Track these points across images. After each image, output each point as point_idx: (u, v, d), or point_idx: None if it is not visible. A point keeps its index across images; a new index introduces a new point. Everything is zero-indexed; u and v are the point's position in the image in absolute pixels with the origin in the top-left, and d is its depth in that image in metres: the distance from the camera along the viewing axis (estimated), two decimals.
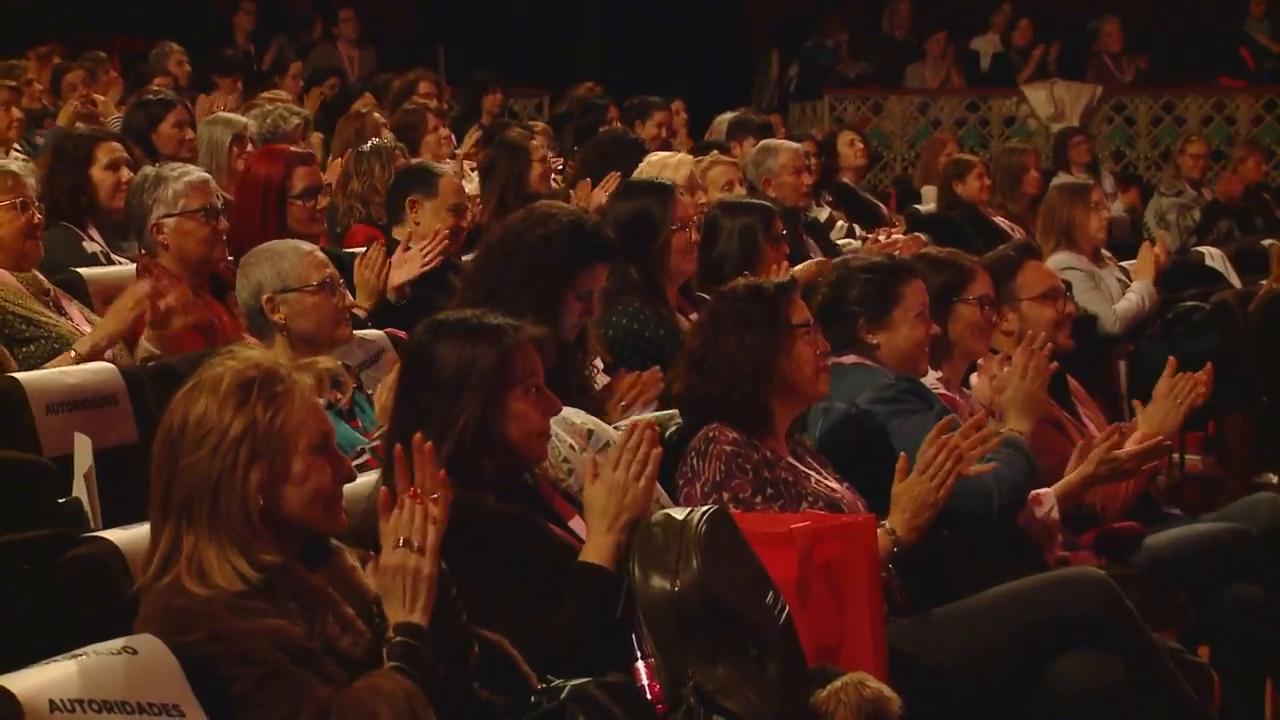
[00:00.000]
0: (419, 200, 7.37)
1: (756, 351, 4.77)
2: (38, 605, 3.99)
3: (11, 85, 9.84)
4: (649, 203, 6.51)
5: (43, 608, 3.94)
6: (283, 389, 3.46)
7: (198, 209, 6.22)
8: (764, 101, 18.11)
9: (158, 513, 3.44)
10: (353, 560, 3.62)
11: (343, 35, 17.25)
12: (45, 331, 5.84)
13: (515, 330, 4.09)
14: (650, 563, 3.80)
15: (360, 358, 5.80)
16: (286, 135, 9.09)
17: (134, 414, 5.35)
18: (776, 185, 9.43)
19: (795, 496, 4.70)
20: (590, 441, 4.73)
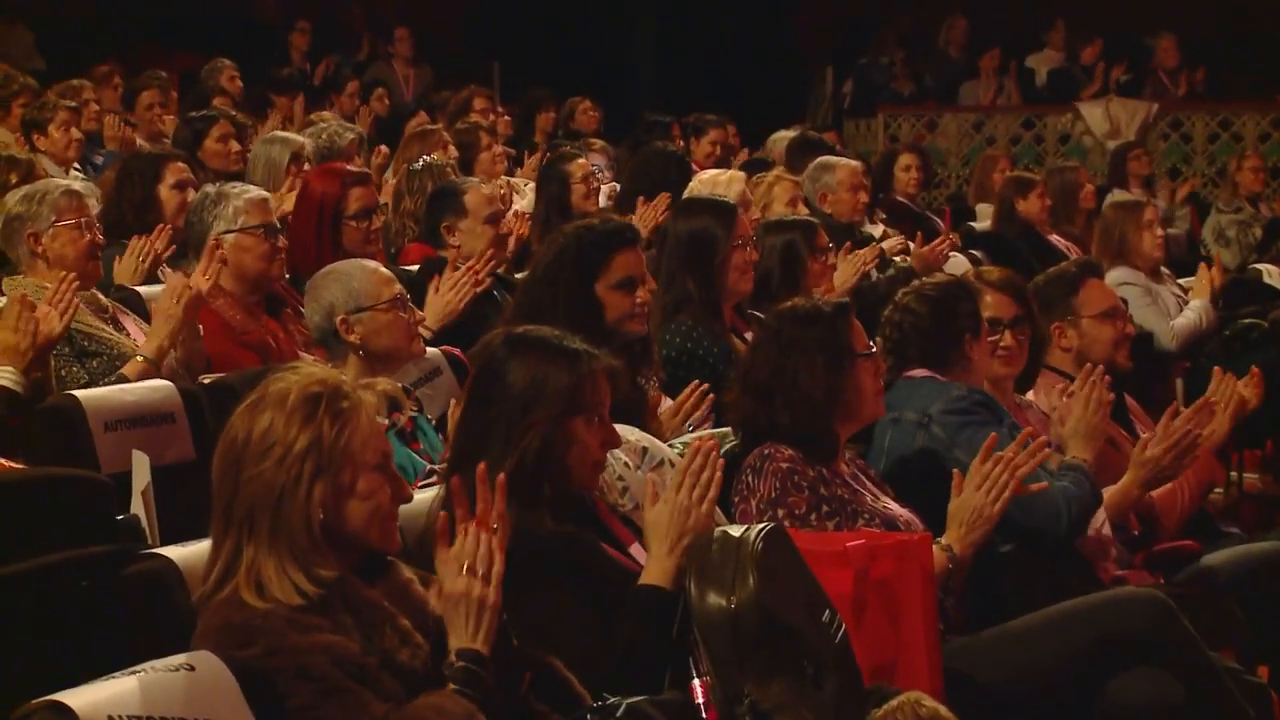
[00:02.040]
0: (452, 223, 7.42)
1: (826, 382, 4.76)
2: (97, 621, 4.01)
3: (71, 106, 9.90)
4: (710, 220, 6.52)
5: (102, 624, 3.96)
6: (348, 405, 3.48)
7: (257, 225, 6.27)
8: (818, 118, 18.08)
9: (219, 525, 3.47)
10: (409, 574, 3.63)
11: (397, 54, 17.30)
12: (106, 348, 5.89)
13: (591, 357, 4.09)
14: (707, 580, 3.80)
15: (415, 376, 5.81)
16: (341, 152, 9.14)
17: (191, 431, 5.38)
18: (833, 201, 9.45)
19: (851, 514, 4.69)
20: (645, 459, 4.73)
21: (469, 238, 7.39)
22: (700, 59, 19.45)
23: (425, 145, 9.35)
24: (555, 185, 8.89)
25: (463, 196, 7.50)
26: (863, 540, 4.32)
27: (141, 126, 11.12)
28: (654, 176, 9.26)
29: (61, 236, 6.02)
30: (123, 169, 7.69)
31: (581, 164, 9.07)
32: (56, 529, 4.38)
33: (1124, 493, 5.47)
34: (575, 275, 5.42)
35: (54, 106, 9.76)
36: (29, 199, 6.06)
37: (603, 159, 10.51)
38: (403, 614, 3.50)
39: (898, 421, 5.28)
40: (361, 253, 6.84)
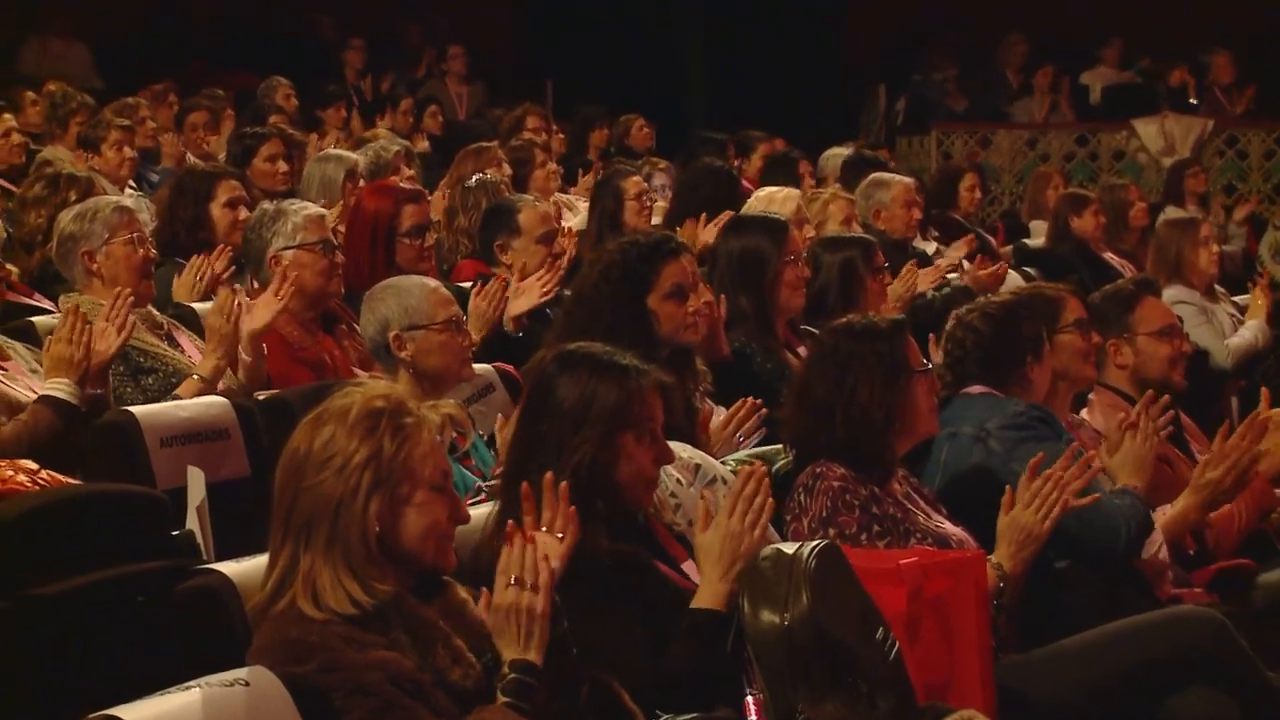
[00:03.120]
0: (506, 241, 7.45)
1: (885, 400, 4.75)
2: (152, 637, 4.03)
3: (124, 125, 9.96)
4: (762, 237, 6.54)
5: (157, 639, 3.98)
6: (411, 422, 3.50)
7: (315, 242, 6.30)
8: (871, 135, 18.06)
9: (278, 534, 3.49)
10: (464, 594, 3.64)
11: (451, 71, 17.36)
12: (162, 365, 5.92)
13: (641, 373, 4.10)
14: (760, 597, 3.79)
15: (468, 393, 5.82)
16: (388, 164, 9.17)
17: (246, 447, 5.40)
18: (886, 218, 9.44)
19: (903, 533, 4.68)
20: (697, 476, 4.73)
21: (522, 256, 7.43)
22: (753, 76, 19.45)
23: (479, 162, 9.37)
24: (609, 202, 8.92)
25: (517, 215, 7.52)
26: (916, 558, 4.30)
27: (188, 147, 11.18)
28: (702, 193, 9.28)
29: (115, 253, 6.04)
30: (175, 186, 7.73)
31: (636, 181, 9.08)
32: (113, 545, 4.40)
33: (1183, 515, 5.44)
34: (625, 290, 5.43)
35: (107, 125, 9.82)
36: (81, 217, 6.09)
37: (665, 178, 10.52)
38: (457, 633, 3.52)
39: (955, 436, 5.27)
40: (414, 270, 6.86)
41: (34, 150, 10.21)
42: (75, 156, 9.88)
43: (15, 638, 4.08)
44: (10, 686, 4.06)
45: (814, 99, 18.95)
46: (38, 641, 4.12)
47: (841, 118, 18.32)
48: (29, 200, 7.33)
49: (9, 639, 4.07)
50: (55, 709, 4.01)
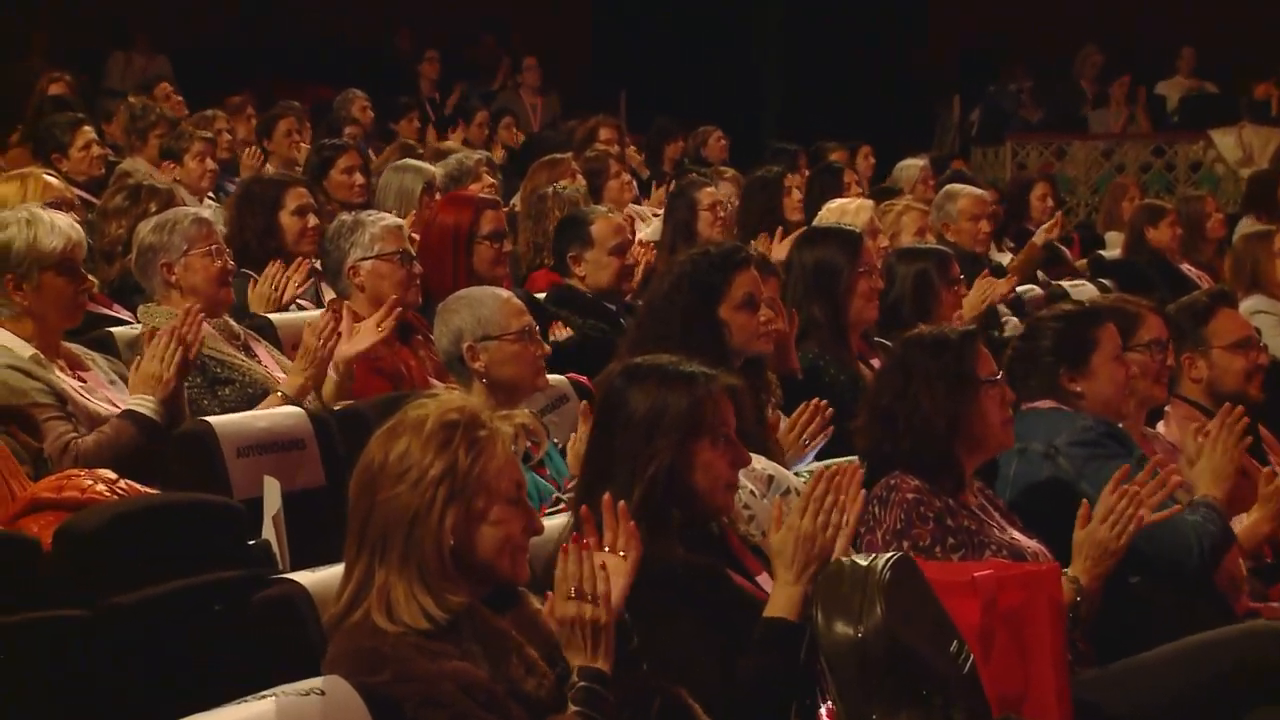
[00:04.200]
0: (579, 253, 7.47)
1: (948, 409, 4.74)
2: (229, 646, 4.06)
3: (207, 137, 10.04)
4: (835, 249, 6.53)
5: (234, 648, 4.01)
6: (485, 435, 3.51)
7: (393, 252, 6.34)
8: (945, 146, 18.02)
9: (353, 547, 3.51)
10: (538, 604, 3.65)
11: (525, 83, 17.42)
12: (239, 375, 5.95)
13: (709, 379, 4.10)
14: (834, 608, 3.78)
15: (542, 403, 5.83)
16: (470, 171, 9.20)
17: (321, 458, 5.43)
18: (955, 230, 9.41)
19: (978, 545, 4.66)
20: (771, 487, 4.73)
21: (594, 268, 7.46)
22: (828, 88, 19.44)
23: (553, 173, 9.39)
24: (683, 212, 8.92)
25: (590, 226, 7.53)
26: (990, 570, 4.29)
27: (277, 154, 11.25)
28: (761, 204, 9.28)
29: (194, 265, 6.07)
30: (244, 195, 7.77)
31: (710, 192, 9.08)
32: (190, 554, 4.43)
33: (1254, 527, 5.39)
34: (696, 301, 5.44)
35: (190, 137, 9.90)
36: (160, 228, 6.12)
37: (733, 187, 10.52)
38: (531, 644, 3.53)
39: (1024, 452, 5.24)
40: (490, 274, 6.92)
41: (113, 162, 10.31)
42: (155, 168, 9.96)
43: (94, 646, 4.11)
44: (89, 695, 4.09)
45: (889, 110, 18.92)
46: (116, 650, 4.15)
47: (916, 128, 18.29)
48: (109, 211, 7.39)
49: (88, 647, 4.10)
50: (133, 717, 4.05)
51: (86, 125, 9.93)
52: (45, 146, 9.70)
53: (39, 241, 5.38)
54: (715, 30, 20.11)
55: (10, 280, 5.35)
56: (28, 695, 3.98)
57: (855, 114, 17.70)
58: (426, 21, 18.38)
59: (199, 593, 4.31)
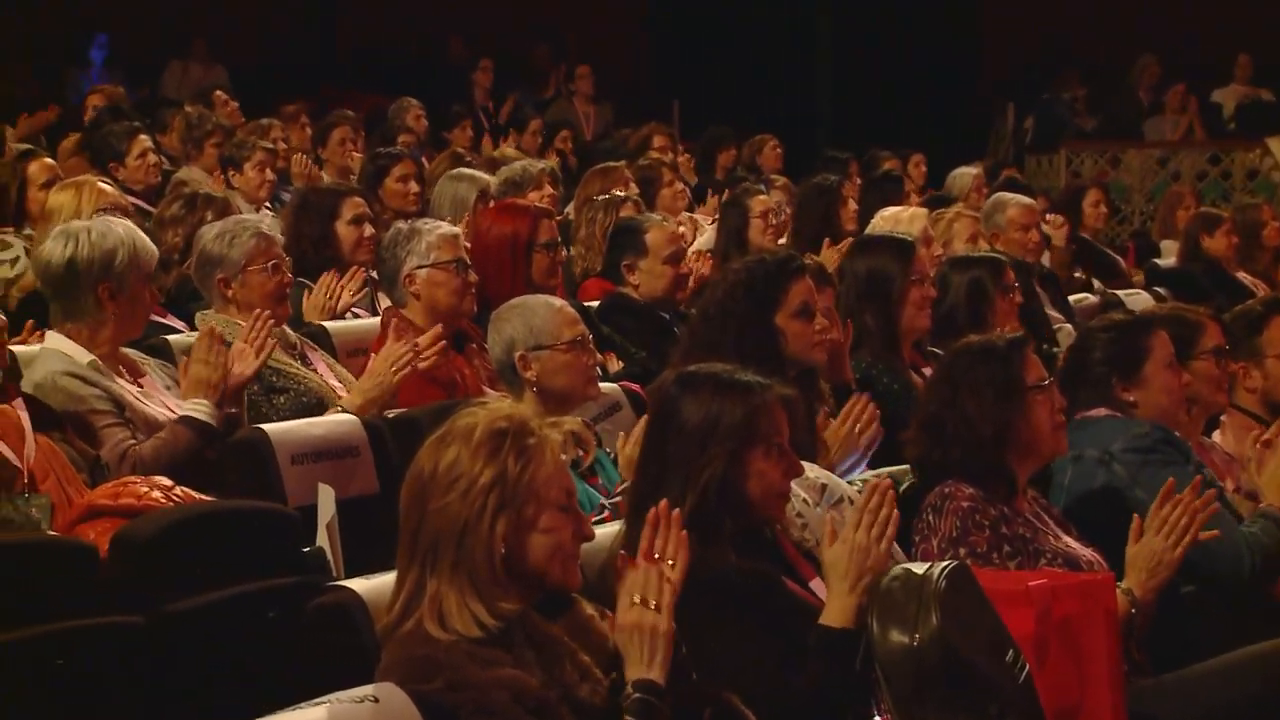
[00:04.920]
0: (633, 262, 7.48)
1: (995, 416, 4.73)
2: (283, 652, 4.08)
3: (268, 147, 10.10)
4: (888, 257, 6.52)
5: (288, 655, 4.03)
6: (534, 442, 3.52)
7: (449, 260, 6.35)
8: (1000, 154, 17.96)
9: (404, 556, 3.52)
10: (591, 610, 3.65)
11: (579, 91, 17.44)
12: (294, 384, 5.98)
13: (764, 388, 4.10)
14: (889, 617, 3.78)
15: (595, 411, 5.83)
16: (533, 179, 9.22)
17: (375, 465, 5.45)
18: (1005, 240, 9.36)
19: (1033, 554, 4.65)
20: (824, 496, 4.72)
21: (648, 277, 7.47)
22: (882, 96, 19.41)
23: (606, 181, 9.40)
24: (735, 220, 8.93)
25: (644, 235, 7.54)
26: (1045, 580, 4.27)
27: (332, 162, 11.30)
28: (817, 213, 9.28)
29: (251, 281, 6.08)
30: (300, 204, 7.80)
31: (762, 200, 9.08)
32: (245, 561, 4.46)
33: None
34: (752, 308, 5.44)
35: (252, 146, 9.95)
36: (221, 239, 6.14)
37: (784, 195, 10.52)
38: (584, 650, 3.53)
39: (1079, 459, 5.22)
40: (545, 282, 6.95)
41: (168, 171, 10.37)
42: (210, 178, 10.02)
43: (150, 653, 4.14)
44: (145, 701, 4.12)
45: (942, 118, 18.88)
46: (171, 656, 4.18)
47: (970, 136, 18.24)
48: (166, 219, 7.44)
49: (144, 654, 4.13)
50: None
51: (143, 134, 9.98)
52: (102, 155, 9.75)
53: (139, 253, 5.43)
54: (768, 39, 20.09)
55: (105, 289, 5.38)
56: (84, 701, 4.01)
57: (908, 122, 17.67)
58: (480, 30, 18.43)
59: (254, 599, 4.34)
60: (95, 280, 5.38)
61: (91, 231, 5.44)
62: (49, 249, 5.49)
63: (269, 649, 4.22)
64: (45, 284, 5.55)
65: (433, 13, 18.61)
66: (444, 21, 18.49)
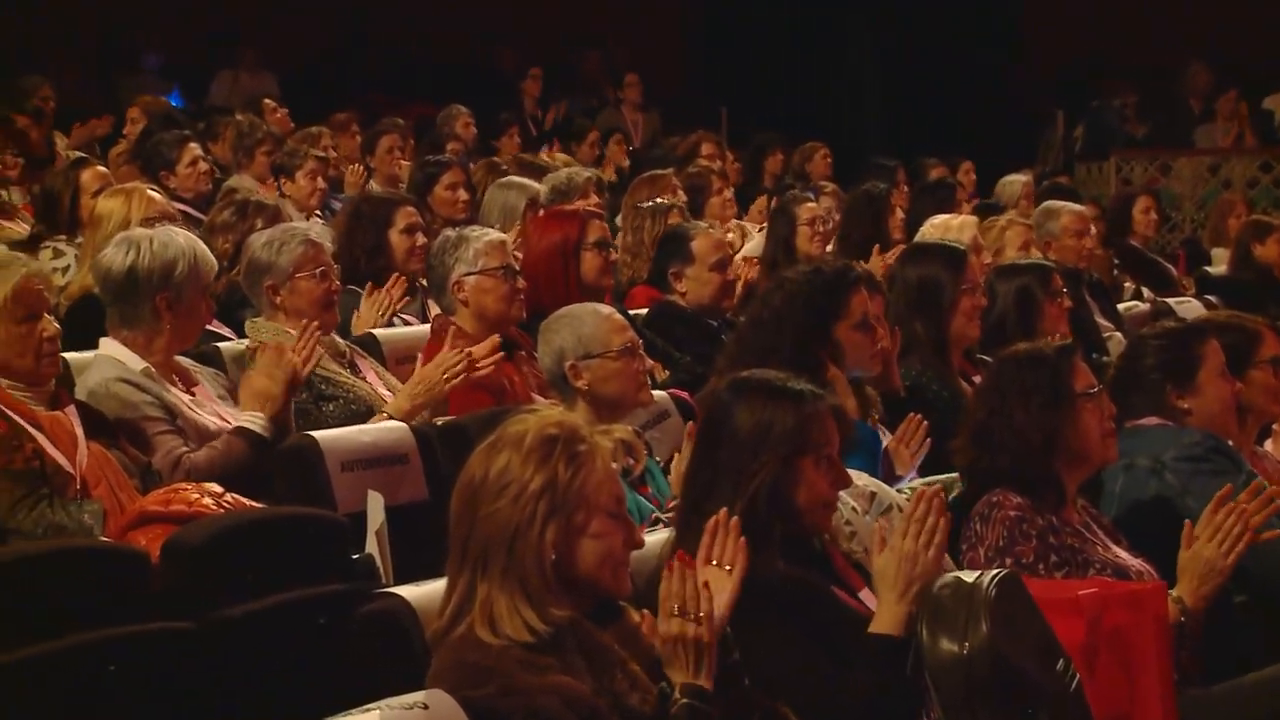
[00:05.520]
0: (680, 269, 7.49)
1: (1043, 423, 4.71)
2: (333, 659, 4.09)
3: (320, 156, 10.14)
4: (939, 266, 6.51)
5: (338, 661, 4.04)
6: (585, 449, 3.52)
7: (497, 267, 6.37)
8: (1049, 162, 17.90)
9: (455, 562, 3.53)
10: (640, 619, 3.65)
11: (627, 99, 17.44)
12: (344, 391, 6.00)
13: (816, 398, 4.10)
14: (939, 625, 3.77)
15: (644, 419, 5.83)
16: (579, 188, 9.23)
17: (424, 472, 5.46)
18: (1057, 248, 9.33)
19: (1081, 564, 4.63)
20: (873, 504, 4.71)
21: (695, 284, 7.47)
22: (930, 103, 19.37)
23: (654, 189, 9.40)
24: (783, 228, 8.93)
25: (690, 242, 7.54)
26: (1095, 589, 4.26)
27: (380, 171, 11.33)
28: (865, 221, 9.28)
29: (299, 288, 6.10)
30: (354, 213, 7.82)
31: (810, 207, 9.08)
32: (295, 567, 4.48)
33: None
34: (811, 319, 5.43)
35: (304, 155, 10.00)
36: (270, 246, 6.17)
37: (833, 203, 10.51)
38: (633, 658, 3.53)
39: (1130, 468, 5.20)
40: (598, 282, 7.01)
41: (218, 179, 10.42)
42: (261, 185, 10.06)
43: (200, 659, 4.16)
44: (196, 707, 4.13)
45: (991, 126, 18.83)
46: (222, 662, 4.19)
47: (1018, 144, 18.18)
48: (217, 226, 7.48)
49: (194, 660, 4.15)
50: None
51: (193, 142, 10.04)
52: (153, 164, 9.81)
53: (199, 264, 5.46)
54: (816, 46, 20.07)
55: (164, 299, 5.41)
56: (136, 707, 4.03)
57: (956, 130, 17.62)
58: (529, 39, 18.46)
59: (304, 606, 4.36)
60: (154, 290, 5.41)
61: (154, 241, 5.47)
62: (110, 255, 5.52)
63: (319, 655, 4.24)
64: (104, 290, 5.58)
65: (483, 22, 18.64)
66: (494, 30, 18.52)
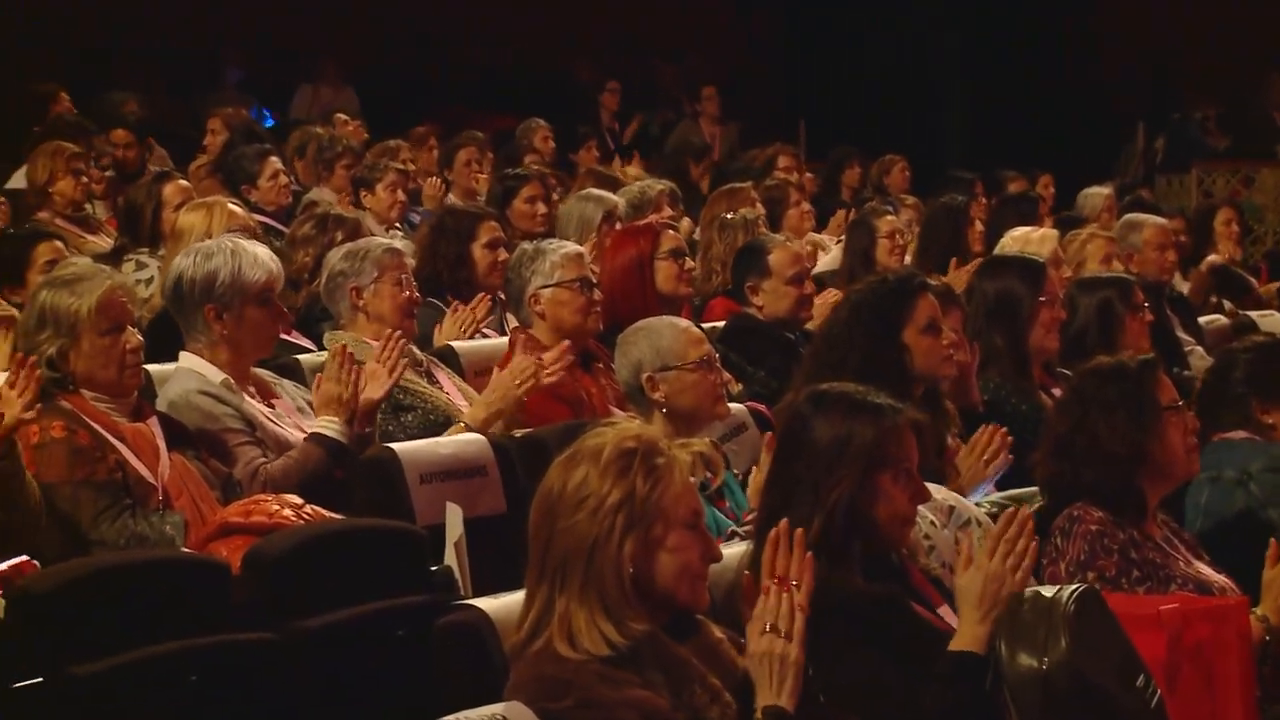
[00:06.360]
0: (756, 283, 7.48)
1: (1128, 436, 4.68)
2: (412, 670, 4.10)
3: (400, 169, 10.19)
4: (1018, 279, 6.48)
5: (417, 673, 4.05)
6: (662, 462, 3.53)
7: (573, 279, 6.39)
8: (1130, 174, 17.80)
9: (534, 575, 3.53)
10: (719, 633, 3.65)
11: (705, 112, 17.45)
12: (422, 402, 6.02)
13: (895, 411, 4.08)
14: (1018, 640, 3.75)
15: (721, 432, 5.83)
16: (652, 201, 9.25)
17: (503, 484, 5.47)
18: (1140, 260, 9.26)
19: (1163, 579, 4.60)
20: (951, 519, 4.69)
21: (772, 297, 7.45)
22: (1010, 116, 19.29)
23: (733, 202, 9.40)
24: (862, 240, 8.92)
25: (767, 256, 7.53)
26: (1177, 604, 4.23)
27: (457, 184, 11.37)
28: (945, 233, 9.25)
29: (382, 292, 6.17)
30: (437, 225, 7.85)
31: (889, 220, 9.06)
32: (374, 579, 4.49)
33: None
34: (879, 326, 5.42)
35: (384, 168, 10.05)
36: (352, 255, 6.24)
37: (913, 215, 10.48)
38: (712, 672, 3.53)
39: (1216, 480, 5.17)
40: (675, 290, 7.05)
41: (298, 192, 10.49)
42: (340, 198, 10.12)
43: (280, 669, 4.18)
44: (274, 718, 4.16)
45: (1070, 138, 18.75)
46: (302, 673, 4.22)
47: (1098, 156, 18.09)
48: (297, 240, 7.53)
49: (274, 671, 4.17)
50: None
51: (274, 156, 10.11)
52: (235, 177, 9.89)
53: (243, 273, 5.47)
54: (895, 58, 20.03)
55: (211, 310, 5.44)
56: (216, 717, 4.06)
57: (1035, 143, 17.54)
58: (607, 52, 18.50)
59: (383, 618, 4.38)
60: (199, 300, 5.45)
61: (199, 253, 5.52)
62: (171, 268, 5.59)
63: (397, 667, 4.26)
64: (166, 302, 5.66)
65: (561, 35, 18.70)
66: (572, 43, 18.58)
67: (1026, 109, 19.55)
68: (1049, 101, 19.72)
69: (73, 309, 4.98)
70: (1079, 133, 19.18)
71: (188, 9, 16.70)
